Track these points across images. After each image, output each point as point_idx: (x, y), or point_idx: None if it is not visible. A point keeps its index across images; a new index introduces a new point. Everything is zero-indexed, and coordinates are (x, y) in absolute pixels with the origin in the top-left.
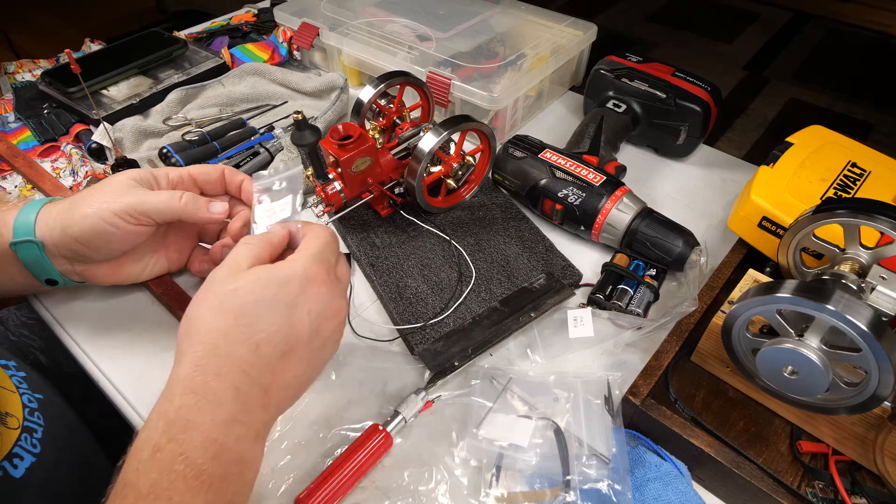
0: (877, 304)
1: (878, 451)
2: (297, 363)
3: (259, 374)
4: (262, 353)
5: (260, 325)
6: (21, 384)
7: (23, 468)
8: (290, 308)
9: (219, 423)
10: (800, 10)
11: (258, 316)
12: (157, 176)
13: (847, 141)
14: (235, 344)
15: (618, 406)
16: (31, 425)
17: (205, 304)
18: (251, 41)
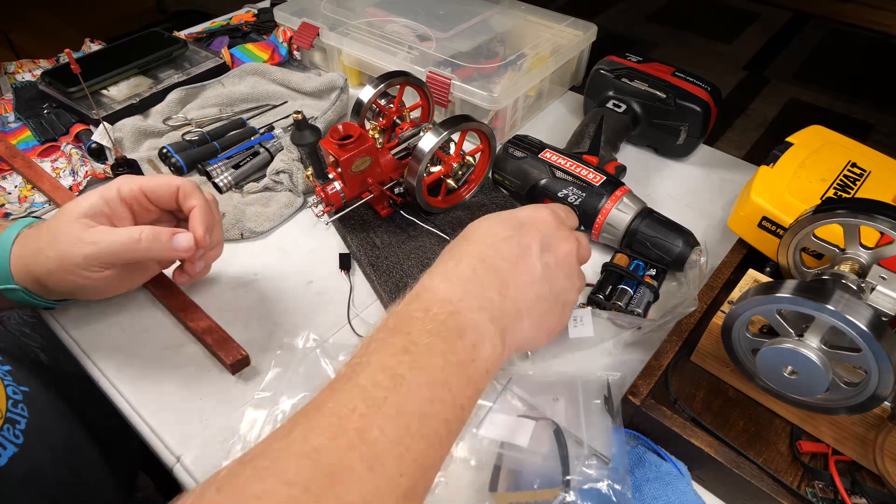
0: (877, 304)
1: (878, 451)
2: (531, 267)
3: (496, 263)
4: (496, 249)
5: (492, 232)
6: (6, 377)
7: (6, 457)
8: (521, 224)
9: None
10: (800, 10)
11: (489, 228)
12: (109, 201)
13: (847, 141)
14: (468, 248)
15: (618, 406)
16: (14, 416)
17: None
18: (251, 41)
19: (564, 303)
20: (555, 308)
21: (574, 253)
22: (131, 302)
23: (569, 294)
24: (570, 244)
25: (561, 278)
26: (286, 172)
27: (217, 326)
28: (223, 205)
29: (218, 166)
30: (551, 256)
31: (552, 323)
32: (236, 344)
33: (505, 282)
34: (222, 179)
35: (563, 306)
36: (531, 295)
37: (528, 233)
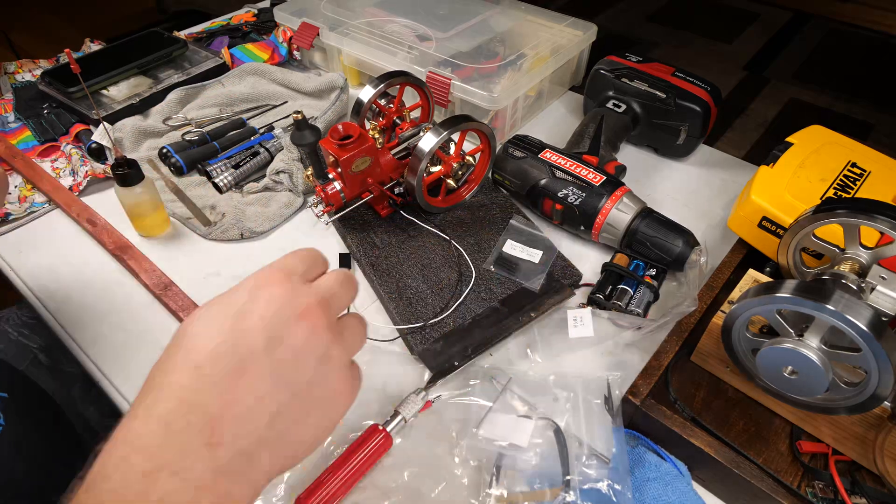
0: (877, 304)
1: (878, 451)
2: (256, 380)
3: (201, 398)
4: (204, 374)
5: (199, 345)
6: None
7: None
8: (236, 318)
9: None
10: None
11: (197, 334)
12: None
13: (847, 141)
14: (171, 373)
15: (618, 406)
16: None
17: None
18: (251, 41)
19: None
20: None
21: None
22: (131, 302)
23: (328, 380)
24: (310, 318)
25: (308, 368)
26: (286, 172)
27: None
28: (223, 205)
29: (218, 166)
30: (285, 350)
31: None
32: None
33: (217, 421)
34: (222, 179)
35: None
36: (262, 417)
37: (249, 331)
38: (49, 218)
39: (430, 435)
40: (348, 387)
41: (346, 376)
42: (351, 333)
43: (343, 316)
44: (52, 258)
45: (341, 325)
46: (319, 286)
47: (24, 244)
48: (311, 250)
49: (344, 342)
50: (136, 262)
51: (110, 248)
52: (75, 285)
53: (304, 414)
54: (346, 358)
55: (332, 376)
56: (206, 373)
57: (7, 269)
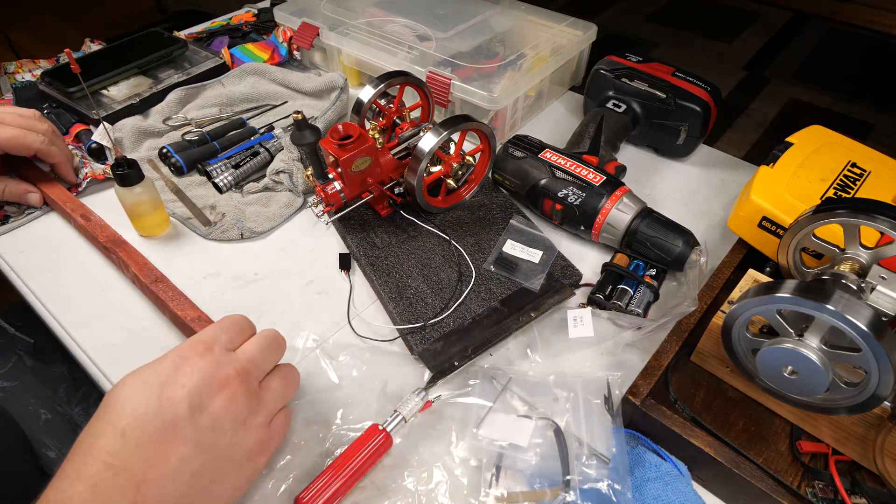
0: (877, 304)
1: (878, 451)
2: (178, 445)
3: (126, 463)
4: (129, 438)
5: (125, 411)
6: None
7: None
8: (161, 387)
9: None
10: (800, 10)
11: (123, 401)
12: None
13: (847, 141)
14: (99, 437)
15: (618, 406)
16: None
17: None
18: (251, 41)
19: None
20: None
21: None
22: (131, 302)
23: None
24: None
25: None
26: (286, 172)
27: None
28: (223, 205)
29: (218, 166)
30: (205, 417)
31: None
32: None
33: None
34: (222, 179)
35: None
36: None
37: (172, 399)
38: (49, 218)
39: (430, 435)
40: (265, 445)
41: (262, 436)
42: (272, 394)
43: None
44: (51, 258)
45: (263, 389)
46: (240, 356)
47: (24, 245)
48: (236, 319)
49: (262, 405)
50: (127, 255)
51: (103, 241)
52: (75, 285)
53: (222, 474)
54: (262, 418)
55: (248, 439)
56: (131, 437)
57: (7, 270)
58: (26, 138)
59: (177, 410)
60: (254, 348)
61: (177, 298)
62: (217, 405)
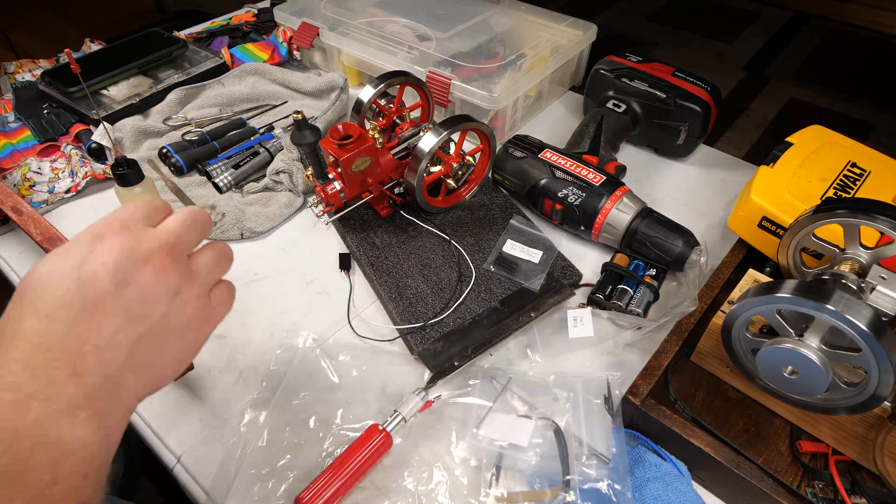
0: (877, 304)
1: (878, 451)
2: (109, 317)
3: (56, 341)
4: (55, 319)
5: (44, 295)
6: None
7: None
8: (79, 268)
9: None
10: (800, 10)
11: (42, 286)
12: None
13: (847, 141)
14: (20, 320)
15: (618, 406)
16: None
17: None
18: (251, 41)
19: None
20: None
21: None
22: None
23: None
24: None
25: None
26: (286, 172)
27: None
28: (223, 205)
29: (218, 166)
30: (133, 290)
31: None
32: None
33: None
34: (222, 179)
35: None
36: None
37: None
38: (48, 218)
39: (430, 435)
40: (207, 313)
41: (201, 305)
42: (204, 264)
43: (196, 252)
44: None
45: (193, 261)
46: (161, 231)
47: (24, 245)
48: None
49: (194, 275)
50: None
51: (37, 240)
52: None
53: (162, 342)
54: (198, 289)
55: (186, 308)
56: (56, 317)
57: (7, 270)
58: None
59: (100, 287)
60: (174, 224)
61: None
62: (144, 278)
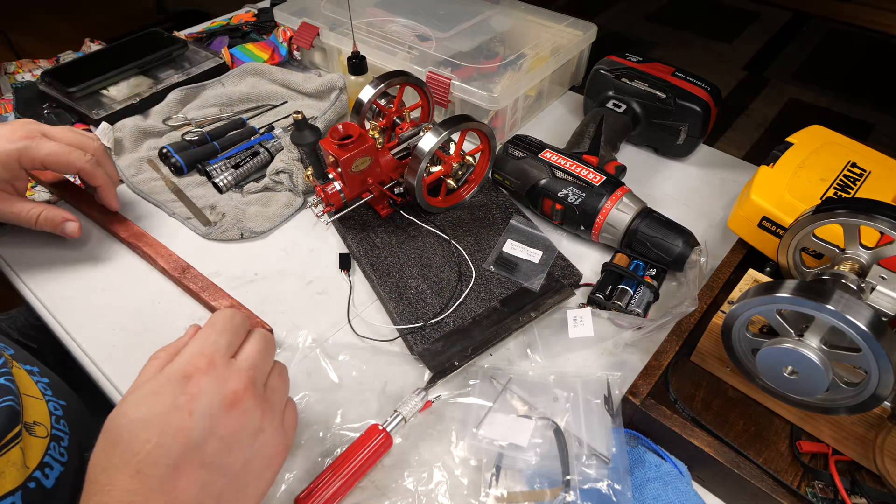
0: (877, 304)
1: (878, 451)
2: (196, 472)
3: (147, 500)
4: (145, 476)
5: (135, 447)
6: (46, 391)
7: (53, 478)
8: (168, 415)
9: None
10: (800, 10)
11: (133, 436)
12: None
13: (847, 141)
14: (114, 473)
15: (618, 406)
16: (58, 433)
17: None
18: (251, 41)
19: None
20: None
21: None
22: (131, 302)
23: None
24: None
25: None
26: (286, 172)
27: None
28: (223, 205)
29: (218, 166)
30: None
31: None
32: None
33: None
34: (222, 179)
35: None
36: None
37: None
38: None
39: (430, 435)
40: (283, 446)
41: (279, 439)
42: (278, 394)
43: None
44: (52, 258)
45: (268, 391)
46: (243, 363)
47: (24, 244)
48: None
49: (273, 408)
50: (151, 249)
51: (124, 237)
52: (75, 286)
53: (244, 486)
54: (277, 421)
55: (267, 446)
56: (147, 474)
57: (8, 271)
58: (70, 155)
59: (189, 439)
60: (254, 353)
61: (208, 288)
62: (230, 424)
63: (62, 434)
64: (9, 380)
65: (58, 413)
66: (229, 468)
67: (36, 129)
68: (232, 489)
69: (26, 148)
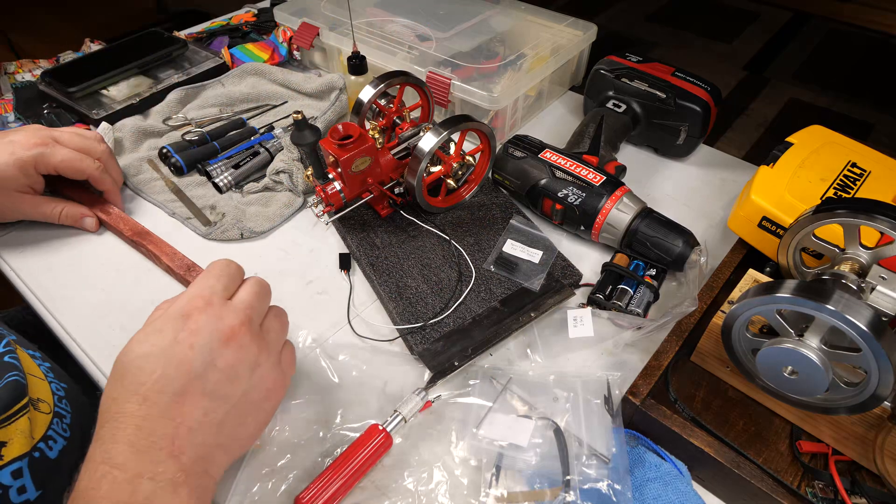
0: (877, 304)
1: (878, 451)
2: (198, 399)
3: (155, 424)
4: (152, 403)
5: (142, 378)
6: (48, 373)
7: (56, 450)
8: (170, 348)
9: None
10: (800, 10)
11: (139, 368)
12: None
13: (847, 141)
14: (123, 403)
15: (618, 406)
16: (60, 411)
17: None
18: (251, 41)
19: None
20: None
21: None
22: (132, 302)
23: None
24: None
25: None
26: (286, 172)
27: None
28: (223, 205)
29: (218, 166)
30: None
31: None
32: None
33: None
34: (222, 179)
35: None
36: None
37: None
38: None
39: (430, 435)
40: (280, 381)
41: (276, 374)
42: (274, 333)
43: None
44: (52, 258)
45: (264, 331)
46: (239, 304)
47: (24, 244)
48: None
49: (269, 345)
50: (155, 247)
51: (128, 235)
52: (75, 285)
53: (244, 416)
54: (273, 358)
55: (265, 380)
56: (154, 402)
57: (8, 271)
58: (82, 163)
59: (190, 370)
60: (249, 296)
61: None
62: (228, 357)
63: (64, 412)
64: (13, 357)
65: (60, 394)
66: (229, 398)
67: (47, 134)
68: (233, 417)
69: (41, 155)
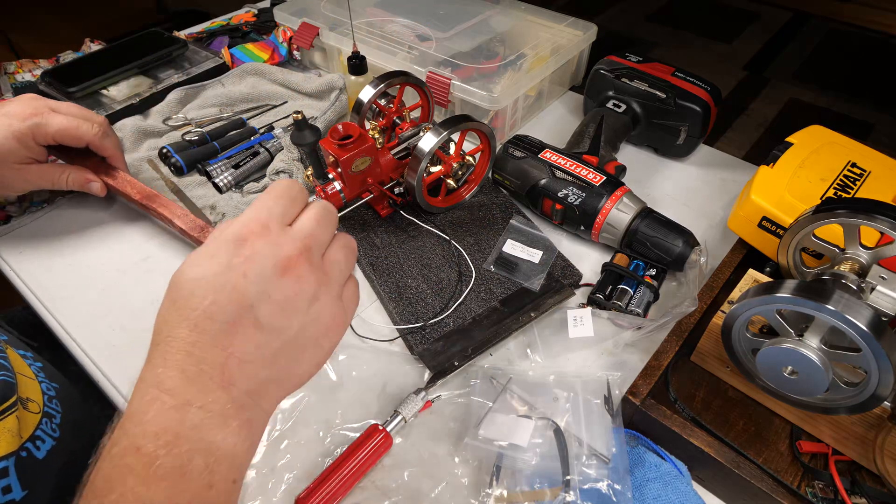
0: (877, 304)
1: (878, 451)
2: (251, 332)
3: (205, 352)
4: (202, 330)
5: (193, 303)
6: (39, 373)
7: (44, 450)
8: (223, 275)
9: (168, 410)
10: (800, 10)
11: (191, 293)
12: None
13: (847, 141)
14: (175, 327)
15: (617, 406)
16: (50, 411)
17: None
18: (251, 41)
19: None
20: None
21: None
22: (131, 302)
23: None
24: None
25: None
26: (286, 172)
27: None
28: (223, 205)
29: (218, 166)
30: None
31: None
32: None
33: (224, 368)
34: (222, 179)
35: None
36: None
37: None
38: (49, 218)
39: (430, 435)
40: (340, 318)
41: (336, 310)
42: (337, 266)
43: (328, 250)
44: (52, 258)
45: (326, 262)
46: (298, 232)
47: (24, 245)
48: (287, 184)
49: (330, 279)
50: (166, 209)
51: (136, 198)
52: (75, 285)
53: (300, 351)
54: (334, 292)
55: (323, 314)
56: (204, 330)
57: (7, 271)
58: (79, 129)
59: (242, 300)
60: (311, 223)
61: None
62: (284, 289)
63: (54, 412)
64: (3, 357)
65: (50, 393)
66: (284, 332)
67: (43, 104)
68: (287, 352)
69: (37, 125)
